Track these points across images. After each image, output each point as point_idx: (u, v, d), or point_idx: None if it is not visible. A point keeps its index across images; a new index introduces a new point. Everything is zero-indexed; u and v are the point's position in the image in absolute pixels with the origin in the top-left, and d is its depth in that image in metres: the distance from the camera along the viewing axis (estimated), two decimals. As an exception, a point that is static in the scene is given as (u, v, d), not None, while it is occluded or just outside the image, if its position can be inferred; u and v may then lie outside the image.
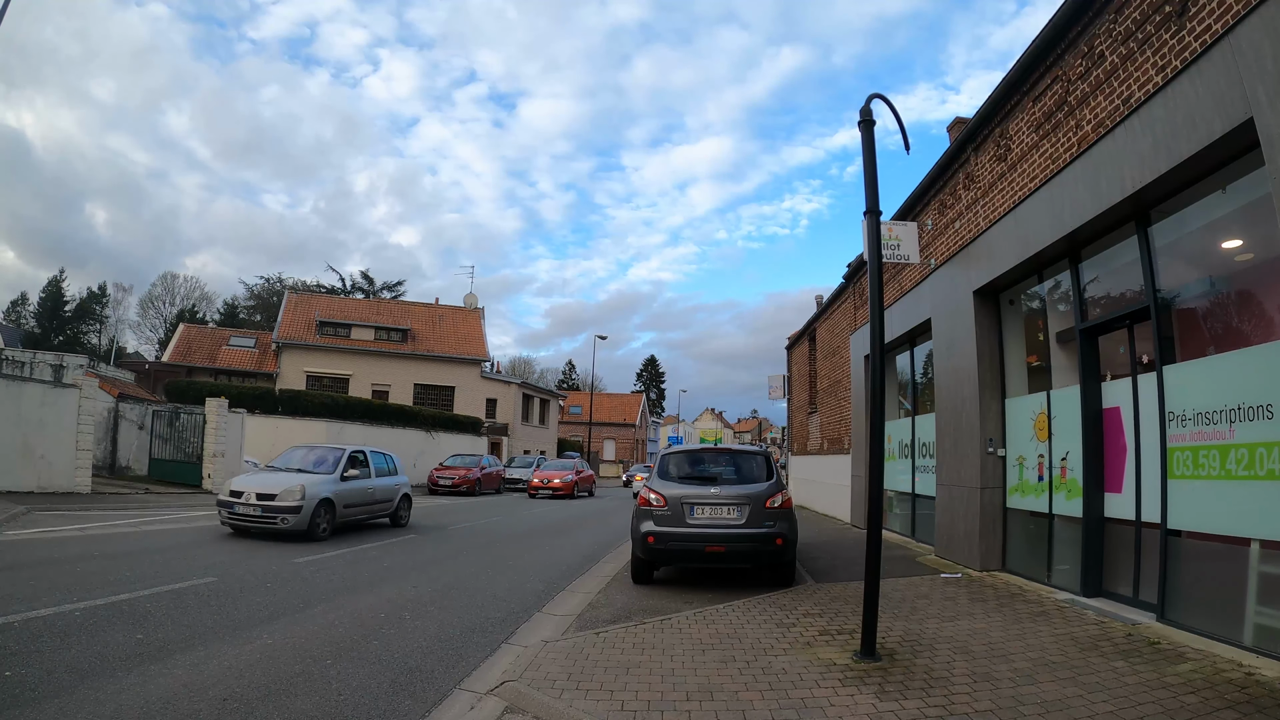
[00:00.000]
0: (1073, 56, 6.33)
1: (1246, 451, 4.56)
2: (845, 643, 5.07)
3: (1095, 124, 5.96)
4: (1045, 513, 7.21)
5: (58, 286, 57.00)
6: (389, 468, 12.94)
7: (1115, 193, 5.63)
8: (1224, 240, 5.27)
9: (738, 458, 8.07)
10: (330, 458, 11.53)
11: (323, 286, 54.43)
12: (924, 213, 10.33)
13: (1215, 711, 3.62)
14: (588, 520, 16.04)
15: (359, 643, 5.02)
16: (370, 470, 12.08)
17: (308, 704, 3.79)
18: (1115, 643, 4.97)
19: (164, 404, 21.22)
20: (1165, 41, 5.05)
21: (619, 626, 5.62)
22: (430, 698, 4.04)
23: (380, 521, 12.65)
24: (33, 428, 14.17)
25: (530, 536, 12.41)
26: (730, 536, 6.99)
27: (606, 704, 3.86)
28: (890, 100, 5.41)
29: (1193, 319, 5.51)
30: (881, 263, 5.42)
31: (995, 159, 7.96)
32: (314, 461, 11.44)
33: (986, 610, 6.15)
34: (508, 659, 4.78)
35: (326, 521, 10.43)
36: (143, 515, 12.03)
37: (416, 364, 36.97)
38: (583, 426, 55.04)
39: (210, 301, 59.51)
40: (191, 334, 38.41)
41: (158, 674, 4.08)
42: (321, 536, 10.21)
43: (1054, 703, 3.84)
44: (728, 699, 3.95)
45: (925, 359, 10.92)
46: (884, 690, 4.06)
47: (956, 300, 8.89)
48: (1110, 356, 6.61)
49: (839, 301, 16.58)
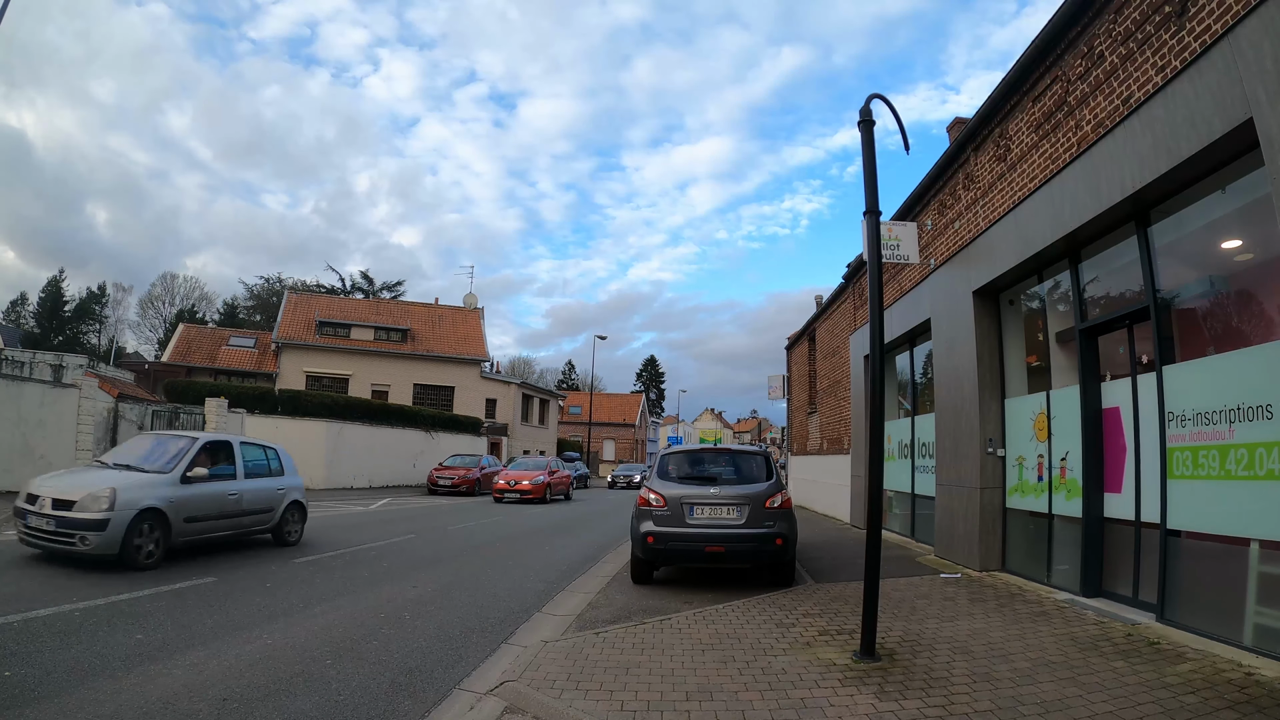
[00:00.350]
0: (1072, 57, 6.34)
1: (1246, 451, 4.56)
2: (845, 643, 5.07)
3: (1095, 124, 5.96)
4: (1045, 513, 7.21)
5: (57, 286, 57.01)
6: (271, 466, 9.60)
7: (1115, 193, 5.63)
8: (1224, 240, 5.27)
9: (737, 458, 8.07)
10: (171, 449, 8.22)
11: (323, 286, 54.45)
12: (924, 213, 10.33)
13: (1215, 711, 3.62)
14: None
15: (358, 643, 5.03)
16: (237, 469, 8.79)
17: (307, 704, 3.79)
18: (1115, 643, 4.97)
19: (164, 404, 21.21)
20: (1165, 42, 5.05)
21: (619, 626, 5.62)
22: (430, 698, 4.04)
23: (261, 538, 9.46)
24: (32, 428, 14.18)
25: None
26: (730, 536, 6.99)
27: (606, 704, 3.86)
28: (890, 100, 5.41)
29: (1192, 319, 5.51)
30: (881, 263, 5.42)
31: (995, 159, 7.96)
32: (145, 455, 8.19)
33: (986, 610, 6.15)
34: (507, 659, 4.78)
35: (154, 542, 7.29)
36: (142, 515, 12.00)
37: (416, 364, 36.97)
38: (582, 426, 55.04)
39: (210, 301, 59.56)
40: (191, 334, 38.40)
41: (157, 674, 4.08)
42: (146, 564, 7.10)
43: (1054, 703, 3.84)
44: (727, 699, 3.95)
45: (925, 359, 10.92)
46: (884, 690, 4.06)
47: (956, 300, 8.90)
48: (1110, 356, 6.61)
49: (839, 302, 16.57)
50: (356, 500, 19.13)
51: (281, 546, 9.33)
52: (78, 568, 6.85)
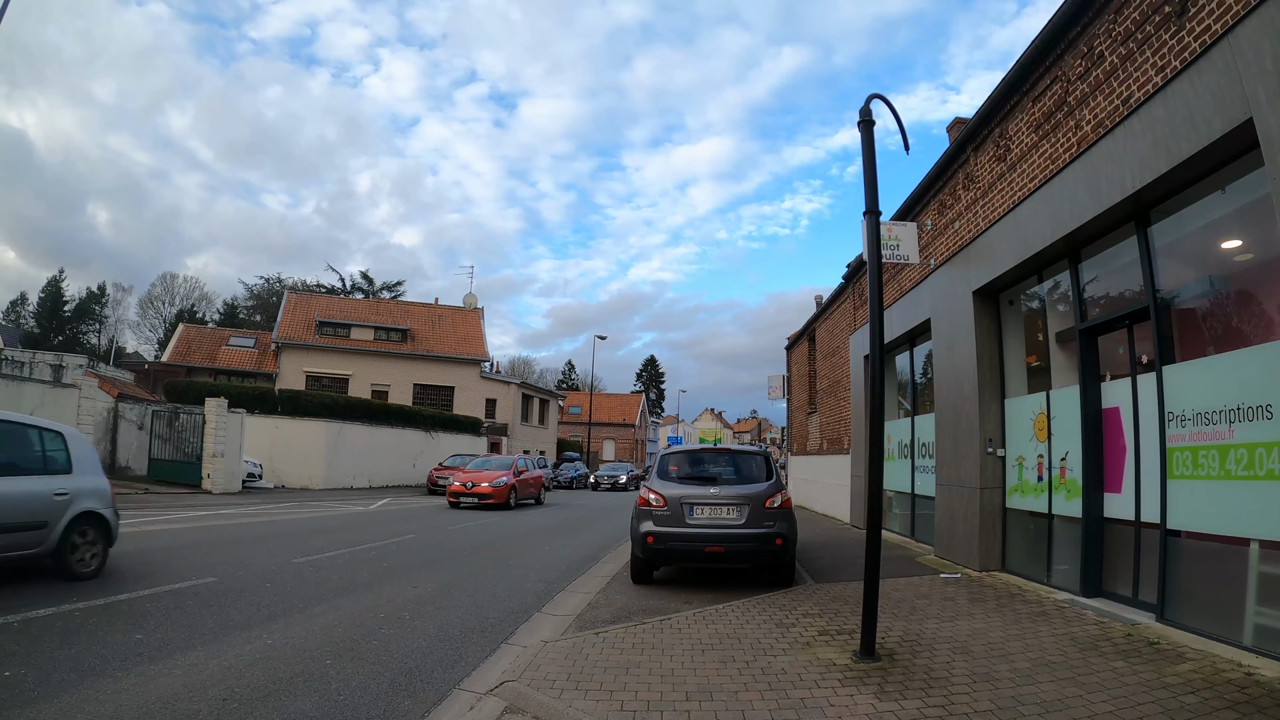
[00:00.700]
0: (1072, 57, 6.33)
1: (1246, 451, 4.56)
2: (845, 643, 5.07)
3: (1095, 124, 5.96)
4: (1045, 513, 7.21)
5: (57, 286, 57.01)
6: (47, 458, 6.58)
7: (1115, 193, 5.63)
8: (1224, 240, 5.27)
9: (737, 458, 8.07)
10: None
11: (323, 286, 54.47)
12: (924, 213, 10.33)
13: (1215, 711, 3.62)
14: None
15: (358, 643, 5.03)
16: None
17: (307, 704, 3.79)
18: (1115, 643, 4.97)
19: (163, 404, 21.23)
20: (1165, 42, 5.05)
21: (619, 627, 5.62)
22: (429, 698, 4.04)
23: (43, 564, 6.37)
24: (32, 428, 14.13)
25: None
26: (730, 536, 6.99)
27: (606, 704, 3.86)
28: (890, 100, 5.41)
29: (1192, 319, 5.51)
30: (881, 263, 5.42)
31: (995, 159, 7.96)
32: None
33: (986, 610, 6.15)
34: (507, 659, 4.78)
35: None
36: (142, 515, 12.02)
37: (416, 364, 36.97)
38: (582, 427, 55.03)
39: (210, 301, 59.58)
40: (191, 334, 38.41)
41: (157, 674, 4.08)
42: None
43: (1054, 703, 3.84)
44: (727, 699, 3.95)
45: (925, 359, 10.92)
46: (883, 690, 4.06)
47: (956, 300, 8.90)
48: (1110, 356, 6.61)
49: (838, 302, 16.58)
50: (356, 500, 19.14)
51: (70, 581, 6.31)
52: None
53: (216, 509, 14.29)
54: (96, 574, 6.70)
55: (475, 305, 43.15)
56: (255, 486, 20.97)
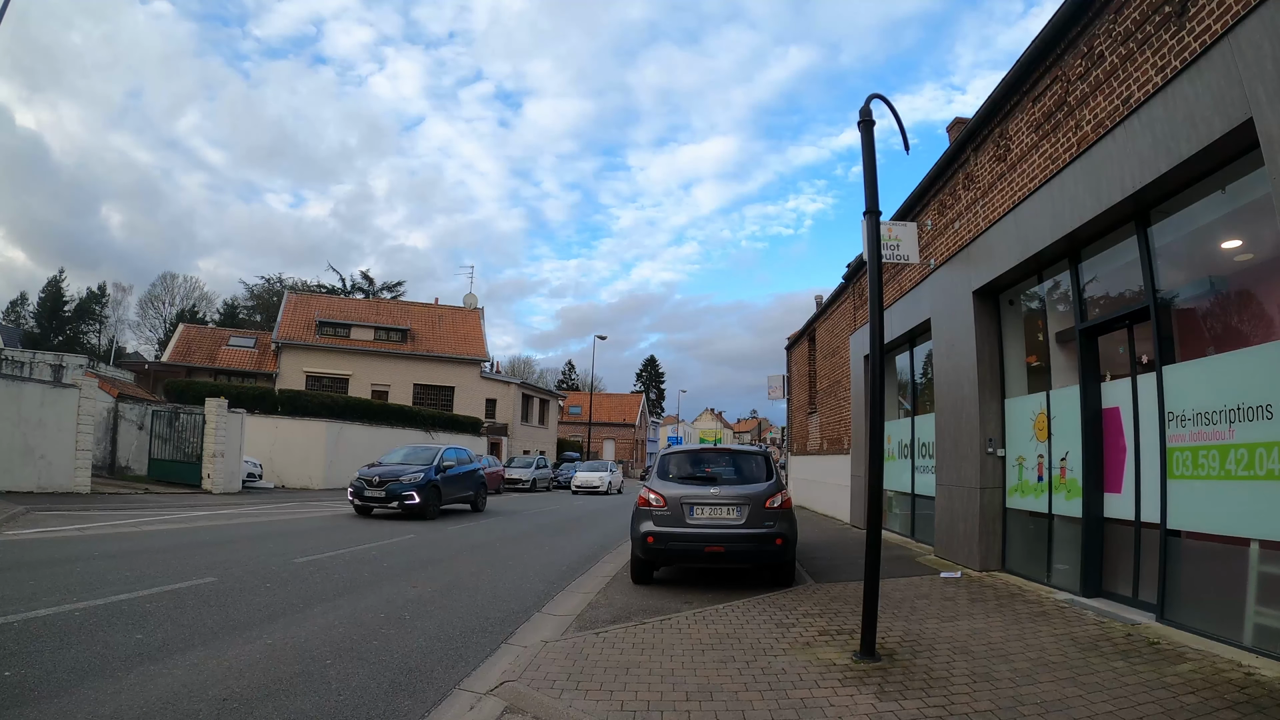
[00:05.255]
0: (1072, 57, 6.33)
1: (1246, 451, 4.56)
2: (845, 643, 5.07)
3: (1095, 124, 5.96)
4: (1045, 513, 7.21)
5: (57, 286, 57.02)
6: None
7: (1115, 193, 5.63)
8: (1224, 240, 5.27)
9: (737, 458, 8.07)
10: None
11: (323, 286, 54.47)
12: (924, 213, 10.33)
13: (1215, 711, 3.62)
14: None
15: (358, 643, 5.02)
16: None
17: (307, 704, 3.79)
18: (1115, 643, 4.97)
19: (163, 404, 21.22)
20: (1165, 42, 5.05)
21: (619, 627, 5.62)
22: (430, 698, 4.04)
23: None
24: (32, 428, 14.17)
25: None
26: (730, 536, 6.99)
27: (606, 704, 3.86)
28: (891, 100, 5.41)
29: (1192, 319, 5.51)
30: (881, 263, 5.42)
31: (995, 159, 7.96)
32: None
33: (986, 610, 6.15)
34: (507, 659, 4.78)
35: None
36: (142, 515, 12.03)
37: (416, 364, 36.98)
38: (582, 427, 55.03)
39: (210, 301, 59.62)
40: (191, 334, 38.41)
41: (157, 674, 4.08)
42: None
43: (1054, 703, 3.84)
44: (727, 699, 3.95)
45: (925, 359, 10.92)
46: (884, 690, 4.06)
47: (956, 300, 8.89)
48: (1110, 356, 6.61)
49: (838, 302, 16.58)
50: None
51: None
52: (80, 568, 6.83)
53: (216, 509, 14.28)
54: None
55: (475, 305, 43.17)
56: (255, 486, 20.97)
